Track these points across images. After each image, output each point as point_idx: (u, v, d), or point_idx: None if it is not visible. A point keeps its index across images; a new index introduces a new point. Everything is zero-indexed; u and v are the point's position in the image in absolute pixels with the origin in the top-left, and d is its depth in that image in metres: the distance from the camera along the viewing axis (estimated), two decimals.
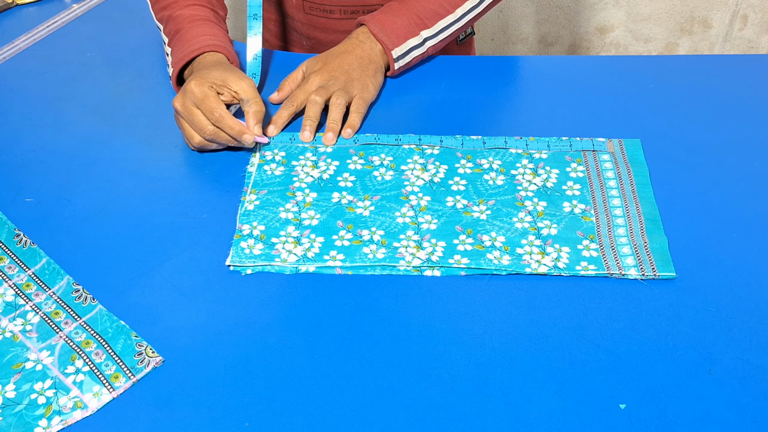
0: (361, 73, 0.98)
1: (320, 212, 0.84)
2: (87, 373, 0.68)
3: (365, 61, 0.99)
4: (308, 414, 0.65)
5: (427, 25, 1.02)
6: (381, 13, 1.02)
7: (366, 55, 0.99)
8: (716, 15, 2.05)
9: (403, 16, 1.01)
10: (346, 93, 0.95)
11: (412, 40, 1.01)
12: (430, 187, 0.87)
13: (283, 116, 0.94)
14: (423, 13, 1.02)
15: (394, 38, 1.00)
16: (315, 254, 0.79)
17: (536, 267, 0.77)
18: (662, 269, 0.77)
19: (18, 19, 1.16)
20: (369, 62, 0.99)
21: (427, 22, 1.02)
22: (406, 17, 1.01)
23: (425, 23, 1.02)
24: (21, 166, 0.90)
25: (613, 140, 0.92)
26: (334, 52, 1.00)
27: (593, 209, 0.84)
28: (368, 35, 1.01)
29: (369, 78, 0.98)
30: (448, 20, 1.03)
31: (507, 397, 0.66)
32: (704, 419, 0.65)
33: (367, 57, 0.99)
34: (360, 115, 0.94)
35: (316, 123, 0.93)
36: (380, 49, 1.00)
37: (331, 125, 0.92)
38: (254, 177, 0.88)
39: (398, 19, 1.01)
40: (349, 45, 1.00)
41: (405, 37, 1.01)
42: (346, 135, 0.93)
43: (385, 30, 1.00)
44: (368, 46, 1.00)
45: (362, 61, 0.99)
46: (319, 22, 1.16)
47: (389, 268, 0.78)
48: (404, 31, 1.01)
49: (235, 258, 0.78)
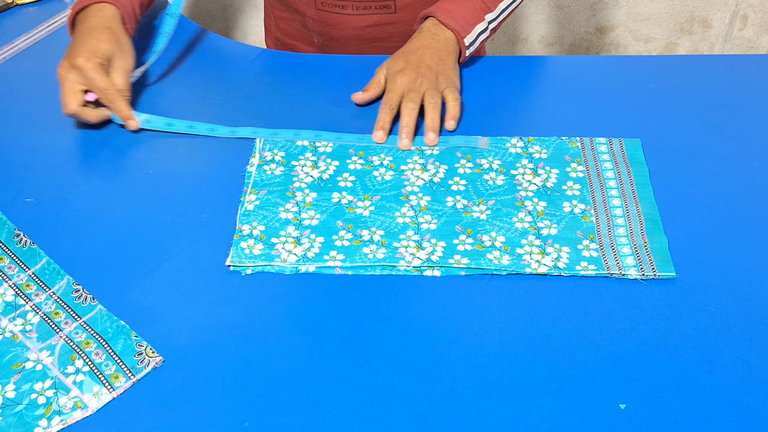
0: (444, 66, 0.98)
1: (320, 212, 0.84)
2: (87, 373, 0.68)
3: (444, 53, 0.99)
4: (308, 414, 0.65)
5: (490, 9, 1.03)
6: (445, 2, 1.02)
7: (443, 47, 0.99)
8: (716, 15, 2.05)
9: (468, 3, 1.02)
10: (437, 91, 0.95)
11: (480, 25, 1.02)
12: (430, 187, 0.87)
13: (387, 120, 0.93)
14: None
15: (465, 25, 1.00)
16: (315, 254, 0.79)
17: (536, 267, 0.77)
18: (662, 269, 0.77)
19: (18, 19, 1.16)
20: (448, 54, 0.99)
21: (490, 5, 1.03)
22: (470, 3, 1.02)
23: (488, 7, 1.03)
24: (21, 166, 0.90)
25: (613, 140, 0.92)
26: (412, 49, 0.99)
27: (593, 209, 0.84)
28: (439, 26, 1.00)
29: (452, 70, 0.99)
30: (506, 1, 1.04)
31: (507, 397, 0.66)
32: (704, 419, 0.65)
33: (444, 48, 0.99)
34: (458, 104, 0.95)
35: (413, 129, 0.92)
36: (453, 37, 1.00)
37: (431, 125, 0.92)
38: (254, 177, 0.88)
39: (464, 6, 1.01)
40: (424, 39, 1.00)
41: (473, 23, 1.01)
42: (450, 127, 0.93)
43: (455, 18, 1.00)
44: (443, 37, 1.00)
45: (441, 53, 0.99)
46: (330, 18, 1.15)
47: (389, 268, 0.78)
48: (472, 17, 1.01)
49: (235, 258, 0.78)
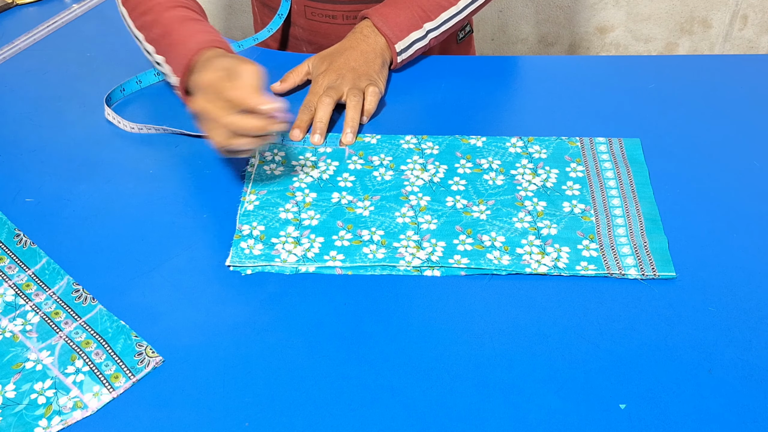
0: (368, 68, 0.97)
1: (320, 212, 0.84)
2: (87, 373, 0.68)
3: (371, 55, 0.99)
4: (308, 414, 0.65)
5: (430, 18, 1.01)
6: (384, 5, 1.01)
7: (371, 50, 0.99)
8: (716, 15, 2.05)
9: (406, 9, 1.01)
10: (358, 90, 0.94)
11: (416, 32, 1.01)
12: (430, 187, 0.87)
13: (305, 119, 0.93)
14: (426, 5, 1.01)
15: (398, 31, 1.00)
16: (315, 254, 0.79)
17: (536, 267, 0.77)
18: (662, 269, 0.77)
19: (18, 19, 1.16)
20: (375, 56, 0.99)
21: (431, 14, 1.01)
22: (410, 9, 1.01)
23: (428, 15, 1.01)
24: (21, 166, 0.90)
25: (613, 140, 0.92)
26: (339, 50, 0.99)
27: (593, 209, 0.84)
28: (372, 28, 1.00)
29: (376, 72, 0.98)
30: (451, 12, 1.03)
31: (507, 397, 0.66)
32: (704, 419, 0.65)
33: (372, 51, 0.99)
34: (375, 99, 0.94)
35: (326, 126, 0.92)
36: (384, 42, 1.00)
37: (350, 123, 0.92)
38: (254, 177, 0.88)
39: (402, 12, 1.00)
40: (354, 40, 1.00)
41: (408, 29, 1.00)
42: (363, 121, 0.93)
43: (388, 23, 0.99)
44: (373, 40, 0.99)
45: (368, 56, 0.98)
46: (321, 28, 1.14)
47: (389, 268, 0.78)
48: (407, 24, 1.00)
49: (235, 258, 0.78)
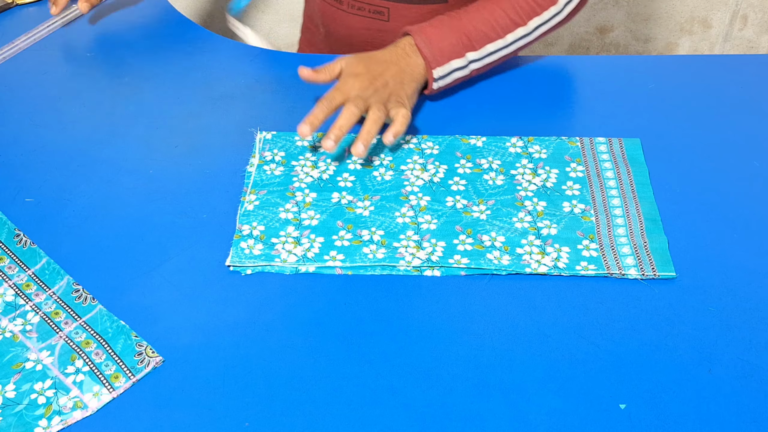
0: (401, 89, 0.93)
1: (320, 212, 0.83)
2: (87, 373, 0.68)
3: (407, 76, 0.94)
4: (308, 414, 0.65)
5: (474, 48, 0.96)
6: (430, 26, 0.96)
7: (409, 69, 0.94)
8: (716, 15, 2.05)
9: (452, 34, 0.96)
10: (384, 107, 0.90)
11: (457, 61, 0.96)
12: (430, 187, 0.87)
13: (319, 117, 0.88)
14: (473, 33, 0.96)
15: (439, 56, 0.95)
16: (315, 254, 0.79)
17: (536, 267, 0.77)
18: (662, 269, 0.77)
19: (18, 19, 1.16)
20: (411, 79, 0.94)
21: (476, 44, 0.96)
22: (455, 35, 0.96)
23: (473, 45, 0.96)
24: (21, 166, 0.90)
25: (613, 140, 0.92)
26: (378, 58, 0.95)
27: (593, 209, 0.84)
28: (413, 48, 0.95)
29: (408, 96, 0.93)
30: (496, 45, 0.97)
31: (507, 397, 0.66)
32: (704, 419, 0.65)
33: (410, 72, 0.94)
34: (405, 124, 0.89)
35: (344, 133, 0.88)
36: (423, 65, 0.95)
37: (366, 136, 0.87)
38: (254, 177, 0.88)
39: (447, 36, 0.95)
40: (394, 54, 0.95)
41: (450, 56, 0.95)
42: (387, 140, 0.88)
43: (431, 46, 0.94)
44: (413, 61, 0.95)
45: (404, 75, 0.94)
46: (330, 12, 1.15)
47: (389, 268, 0.77)
48: (450, 50, 0.95)
49: (235, 258, 0.78)
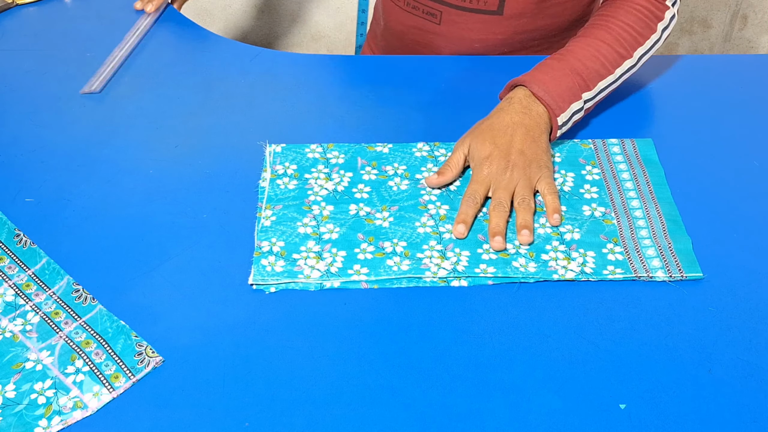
0: (537, 149, 0.86)
1: (339, 225, 0.81)
2: (87, 373, 0.68)
3: (536, 132, 0.87)
4: (308, 414, 0.65)
5: (588, 87, 0.91)
6: (540, 72, 0.91)
7: (536, 124, 0.87)
8: (716, 15, 2.05)
9: (565, 77, 0.90)
10: (529, 187, 0.84)
11: (576, 104, 0.90)
12: (447, 195, 0.85)
13: (471, 215, 0.81)
14: (585, 73, 0.91)
15: (560, 102, 0.89)
16: (339, 269, 0.77)
17: (563, 273, 0.76)
18: (689, 270, 0.76)
19: (18, 19, 1.16)
20: (540, 133, 0.87)
21: (590, 83, 0.91)
22: (569, 78, 0.90)
23: (587, 85, 0.91)
24: (21, 166, 0.90)
25: (626, 141, 0.91)
26: (499, 127, 0.87)
27: (613, 212, 0.83)
28: (531, 98, 0.89)
29: (545, 152, 0.87)
30: (607, 81, 0.93)
31: (507, 397, 0.66)
32: (704, 419, 0.65)
33: (535, 127, 0.87)
34: (557, 196, 0.83)
35: (504, 230, 0.81)
36: (546, 113, 0.88)
37: (524, 223, 0.81)
38: (268, 192, 0.85)
39: (562, 81, 0.90)
40: (515, 114, 0.88)
41: (569, 100, 0.89)
42: (554, 221, 0.81)
43: (550, 93, 0.88)
44: (536, 113, 0.88)
45: (534, 133, 0.86)
46: (389, 6, 1.18)
47: (415, 280, 0.76)
48: (568, 95, 0.89)
49: (258, 276, 0.76)
